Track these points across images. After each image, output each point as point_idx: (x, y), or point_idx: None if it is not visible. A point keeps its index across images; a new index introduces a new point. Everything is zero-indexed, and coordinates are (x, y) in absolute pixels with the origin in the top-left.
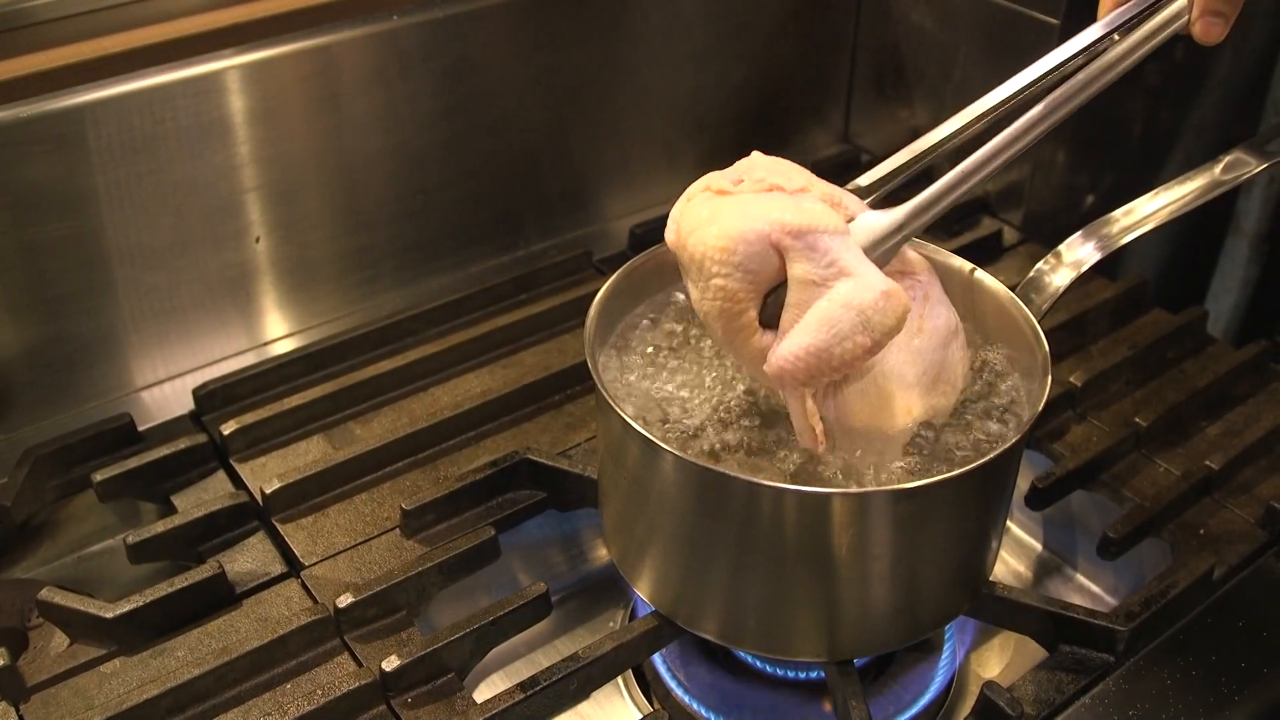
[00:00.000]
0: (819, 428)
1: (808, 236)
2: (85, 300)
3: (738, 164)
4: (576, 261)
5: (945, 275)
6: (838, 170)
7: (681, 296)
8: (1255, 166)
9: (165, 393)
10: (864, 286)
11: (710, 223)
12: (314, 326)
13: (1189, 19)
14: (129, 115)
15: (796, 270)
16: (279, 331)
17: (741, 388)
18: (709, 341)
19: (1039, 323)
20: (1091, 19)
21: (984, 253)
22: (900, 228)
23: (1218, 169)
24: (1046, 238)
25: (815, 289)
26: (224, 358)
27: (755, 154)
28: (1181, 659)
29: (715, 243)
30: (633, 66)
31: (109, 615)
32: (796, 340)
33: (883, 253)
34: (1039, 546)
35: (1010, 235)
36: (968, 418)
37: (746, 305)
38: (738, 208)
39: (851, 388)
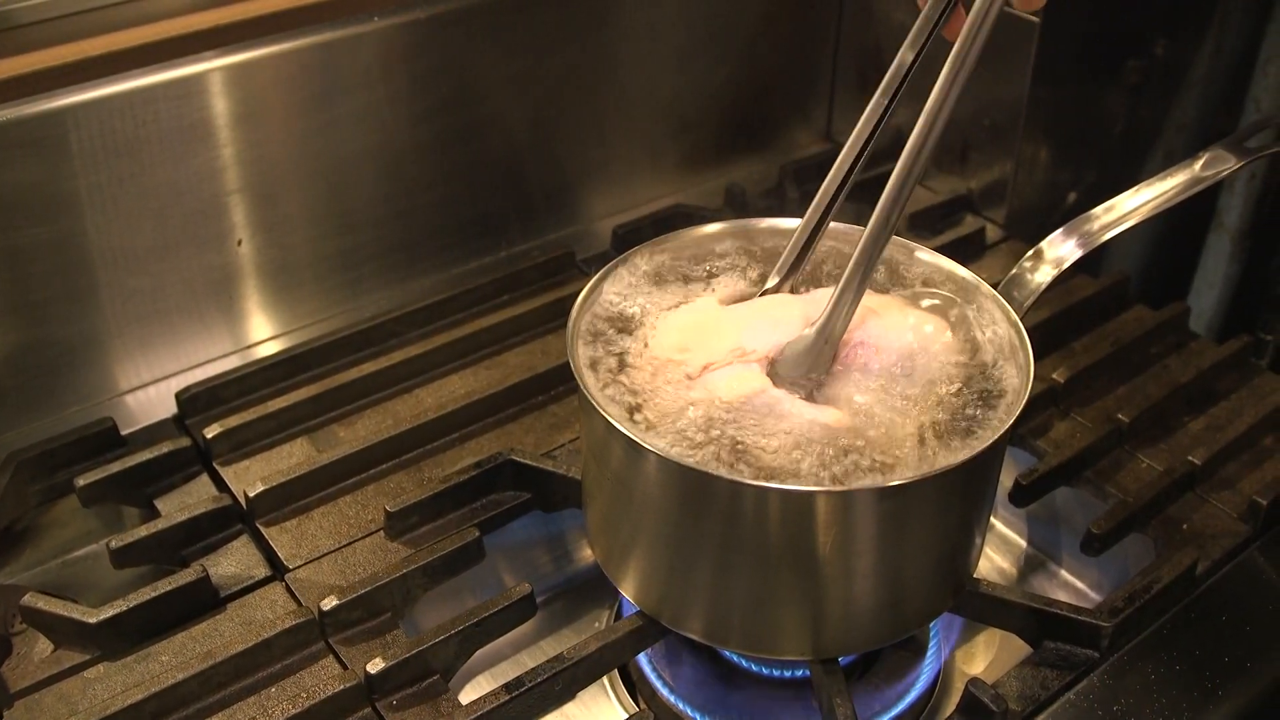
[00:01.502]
0: None
1: (734, 414)
2: (68, 304)
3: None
4: (559, 262)
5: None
6: (822, 169)
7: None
8: (1235, 163)
9: (149, 396)
10: (804, 426)
11: None
12: (297, 329)
13: None
14: (110, 118)
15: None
16: (262, 334)
17: None
18: None
19: (1021, 320)
20: (1074, 14)
21: (967, 250)
22: (823, 339)
23: (1198, 165)
24: (1029, 235)
25: None
26: (207, 361)
27: (651, 343)
28: (1165, 654)
29: None
30: (615, 66)
31: (92, 620)
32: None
33: (818, 361)
34: (1023, 543)
35: (993, 233)
36: (952, 415)
37: None
38: None
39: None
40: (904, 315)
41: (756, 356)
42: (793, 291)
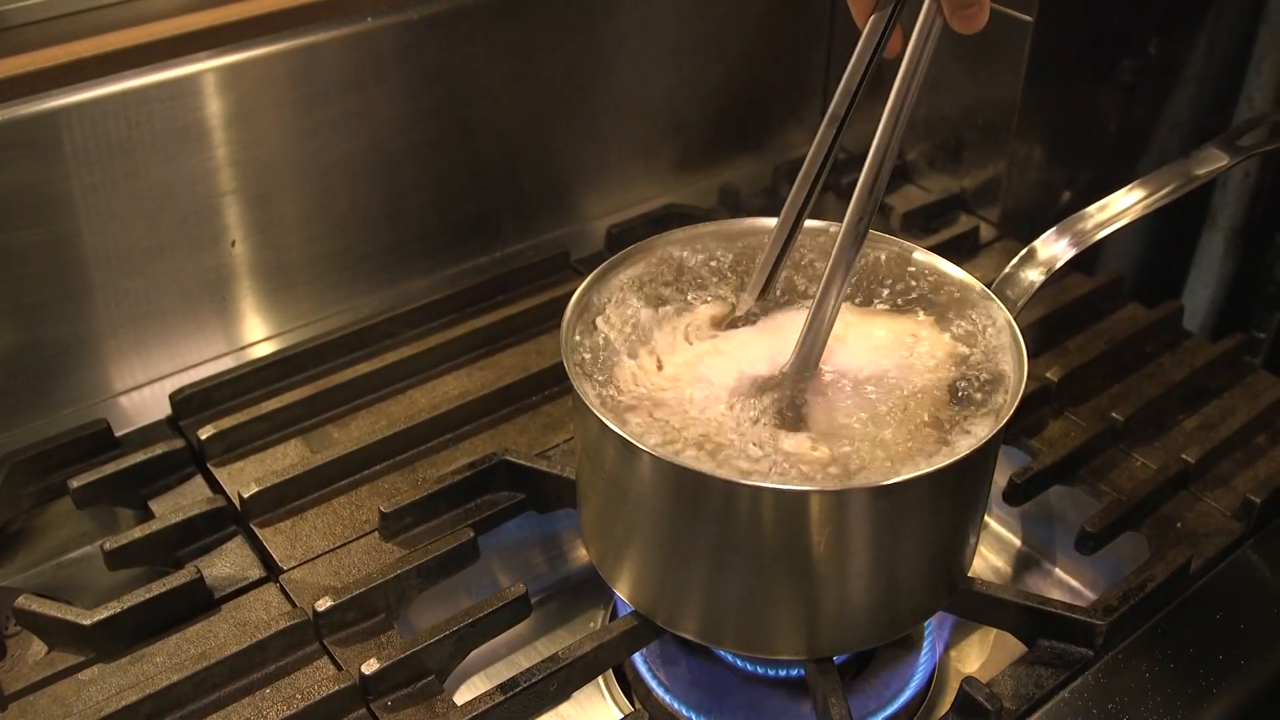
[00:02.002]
0: None
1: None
2: (61, 306)
3: None
4: (554, 262)
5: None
6: None
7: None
8: (1228, 161)
9: (144, 397)
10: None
11: None
12: (291, 330)
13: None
14: (104, 119)
15: None
16: (256, 335)
17: None
18: None
19: (1014, 319)
20: (1068, 13)
21: (960, 249)
22: (803, 369)
23: (1190, 164)
24: (1023, 234)
25: None
26: (202, 362)
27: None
28: (1160, 652)
29: None
30: (609, 67)
31: (87, 622)
32: None
33: (796, 399)
34: (1017, 542)
35: (987, 232)
36: (946, 414)
37: None
38: None
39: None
40: (879, 330)
41: (724, 397)
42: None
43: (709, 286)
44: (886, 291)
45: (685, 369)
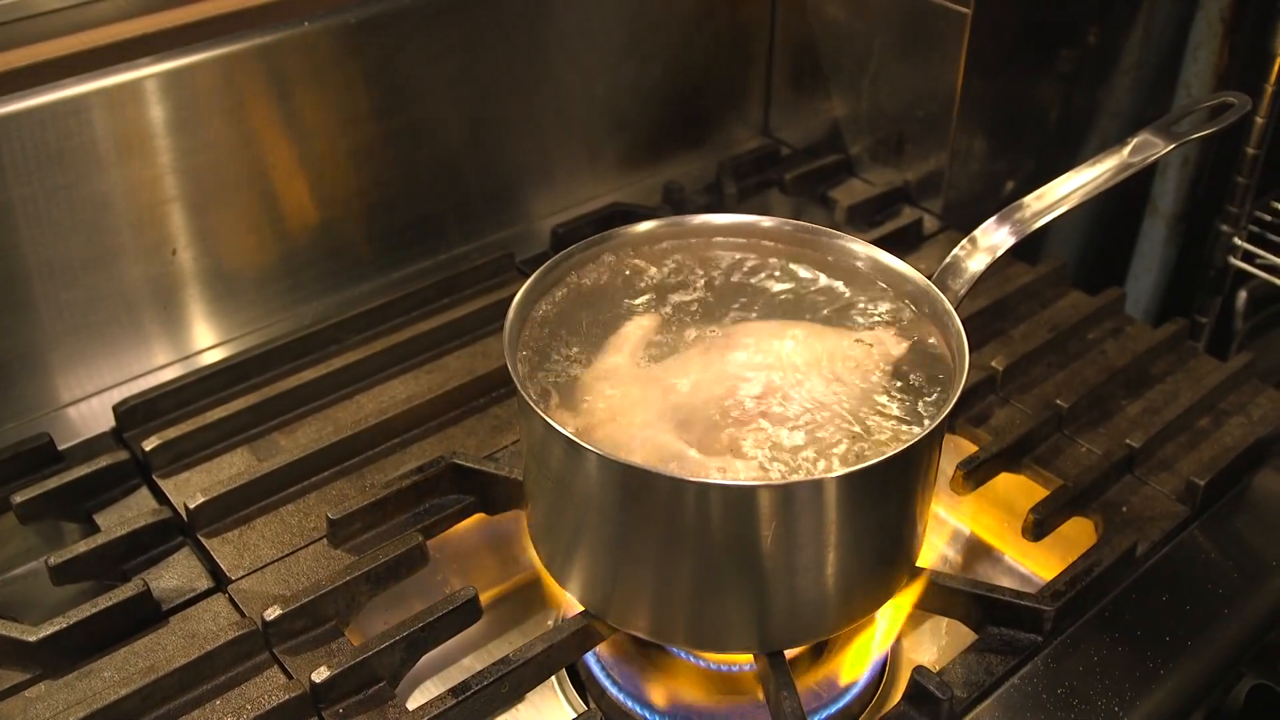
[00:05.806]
0: None
1: None
2: (1, 319)
3: None
4: (499, 264)
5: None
6: (760, 164)
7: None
8: (1164, 147)
9: (92, 408)
10: None
11: None
12: (236, 338)
13: None
14: (40, 129)
15: None
16: (202, 344)
17: None
18: None
19: (955, 308)
20: (1003, 6)
21: (905, 242)
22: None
23: (1126, 151)
24: (966, 225)
25: None
26: (146, 372)
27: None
28: (1108, 635)
29: None
30: (550, 66)
31: (32, 639)
32: None
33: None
34: (966, 530)
35: (931, 224)
36: (891, 405)
37: None
38: None
39: None
40: (823, 321)
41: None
42: None
43: (655, 284)
44: (828, 282)
45: (629, 368)
